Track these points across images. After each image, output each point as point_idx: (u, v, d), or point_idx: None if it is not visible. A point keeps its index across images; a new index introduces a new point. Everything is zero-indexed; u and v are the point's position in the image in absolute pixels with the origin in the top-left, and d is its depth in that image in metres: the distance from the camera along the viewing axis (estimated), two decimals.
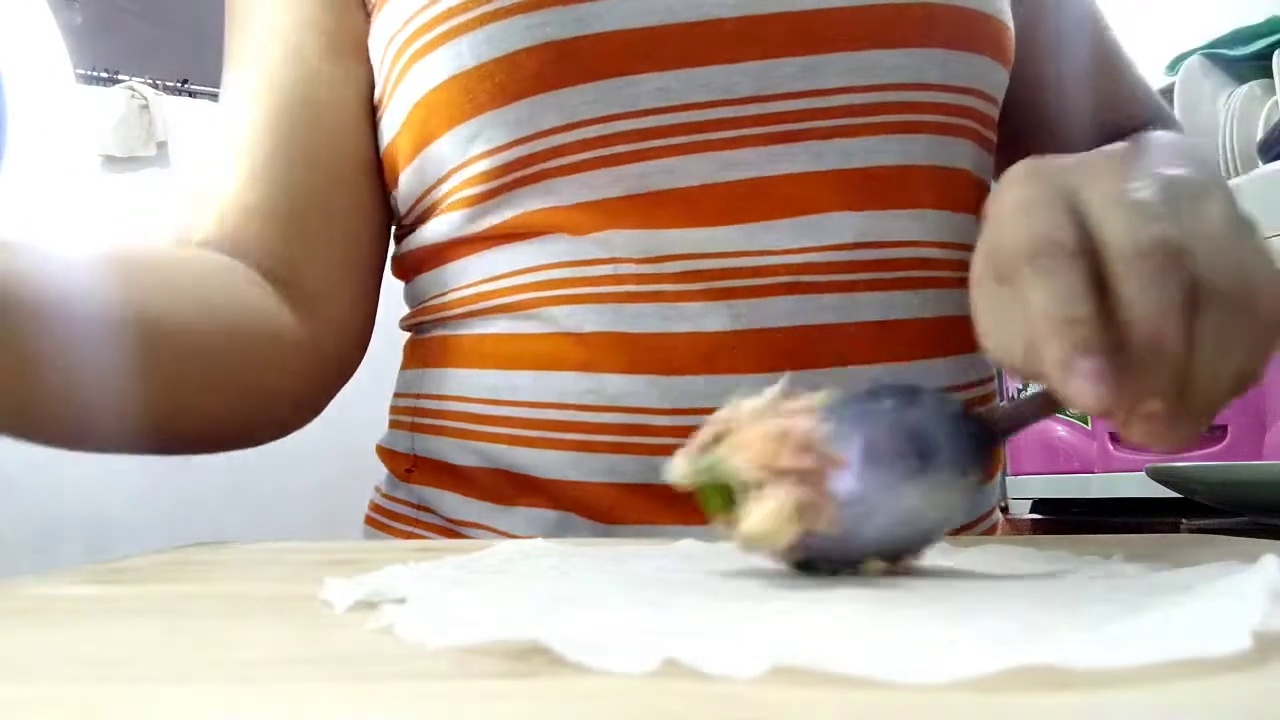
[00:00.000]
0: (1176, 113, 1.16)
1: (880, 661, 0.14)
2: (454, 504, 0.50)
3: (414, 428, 0.53)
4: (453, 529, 0.50)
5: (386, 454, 0.55)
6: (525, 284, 0.47)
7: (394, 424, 0.55)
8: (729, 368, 0.44)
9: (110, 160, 2.28)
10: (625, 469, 0.45)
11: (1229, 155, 1.15)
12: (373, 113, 0.53)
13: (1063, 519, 1.17)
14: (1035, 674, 0.14)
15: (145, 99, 2.29)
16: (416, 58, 0.47)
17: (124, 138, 2.27)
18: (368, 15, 0.52)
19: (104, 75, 2.33)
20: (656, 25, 0.44)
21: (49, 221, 2.15)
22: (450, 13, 0.46)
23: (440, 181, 0.49)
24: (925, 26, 0.46)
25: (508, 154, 0.46)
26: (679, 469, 0.29)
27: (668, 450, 0.44)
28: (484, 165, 0.47)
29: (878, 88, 0.46)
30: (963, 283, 0.50)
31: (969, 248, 0.51)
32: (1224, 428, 0.97)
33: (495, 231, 0.48)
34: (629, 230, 0.45)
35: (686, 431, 0.44)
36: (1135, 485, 1.00)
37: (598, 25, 0.44)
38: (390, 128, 0.51)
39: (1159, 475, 0.74)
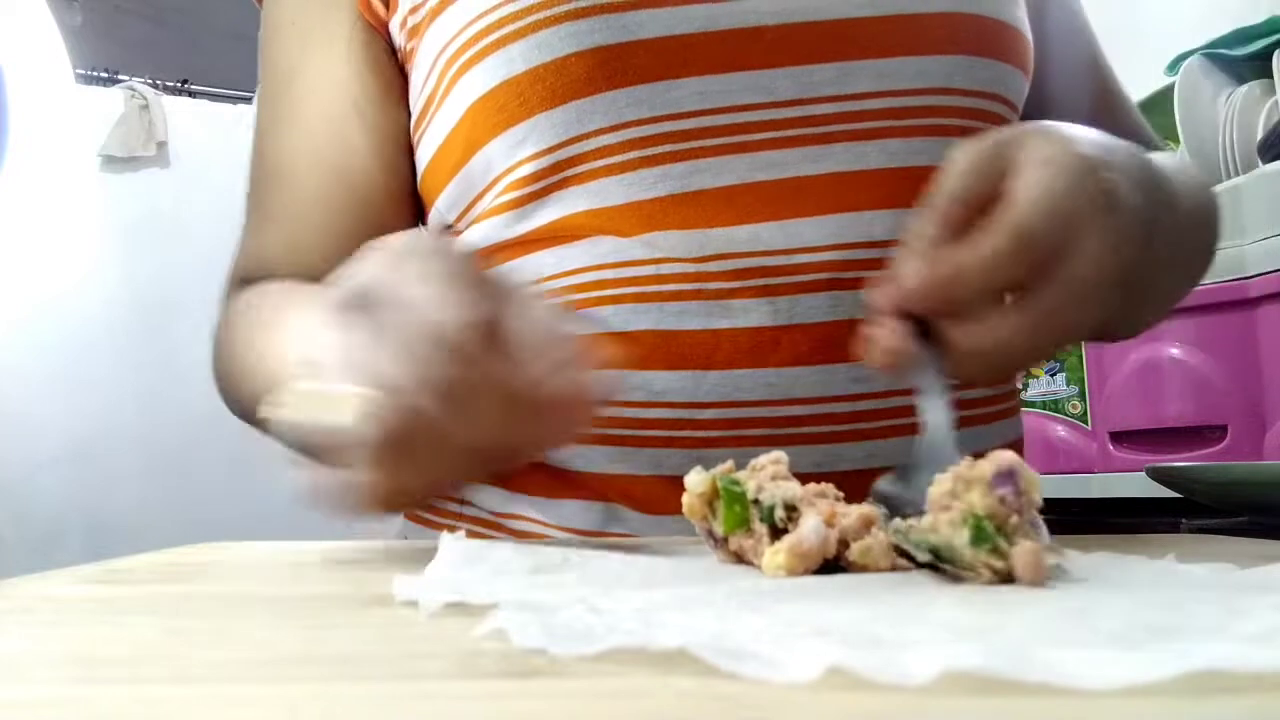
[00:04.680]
0: (1176, 112, 1.16)
1: (1052, 668, 0.14)
2: (497, 498, 0.51)
3: None
4: (496, 521, 0.51)
5: None
6: (571, 285, 0.48)
7: None
8: (771, 362, 0.46)
9: (110, 160, 2.28)
10: (670, 462, 0.47)
11: (1229, 155, 1.15)
12: (403, 159, 0.56)
13: (1063, 519, 1.16)
14: (1203, 679, 0.14)
15: (145, 99, 2.29)
16: (466, 67, 0.49)
17: (124, 138, 2.26)
18: (401, 64, 0.55)
19: (104, 75, 2.33)
20: (697, 32, 0.46)
21: (49, 221, 2.15)
22: (500, 23, 0.47)
23: (488, 188, 0.51)
24: (948, 35, 0.48)
25: (557, 154, 0.47)
26: (697, 476, 0.30)
27: (712, 443, 0.46)
28: (532, 167, 0.48)
29: (908, 92, 0.48)
30: None
31: None
32: (1224, 428, 0.97)
33: (541, 234, 0.49)
34: (674, 231, 0.46)
35: (730, 424, 0.46)
36: (1135, 485, 1.00)
37: (641, 32, 0.46)
38: (434, 141, 0.53)
39: (1159, 475, 0.74)
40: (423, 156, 0.55)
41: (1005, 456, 0.26)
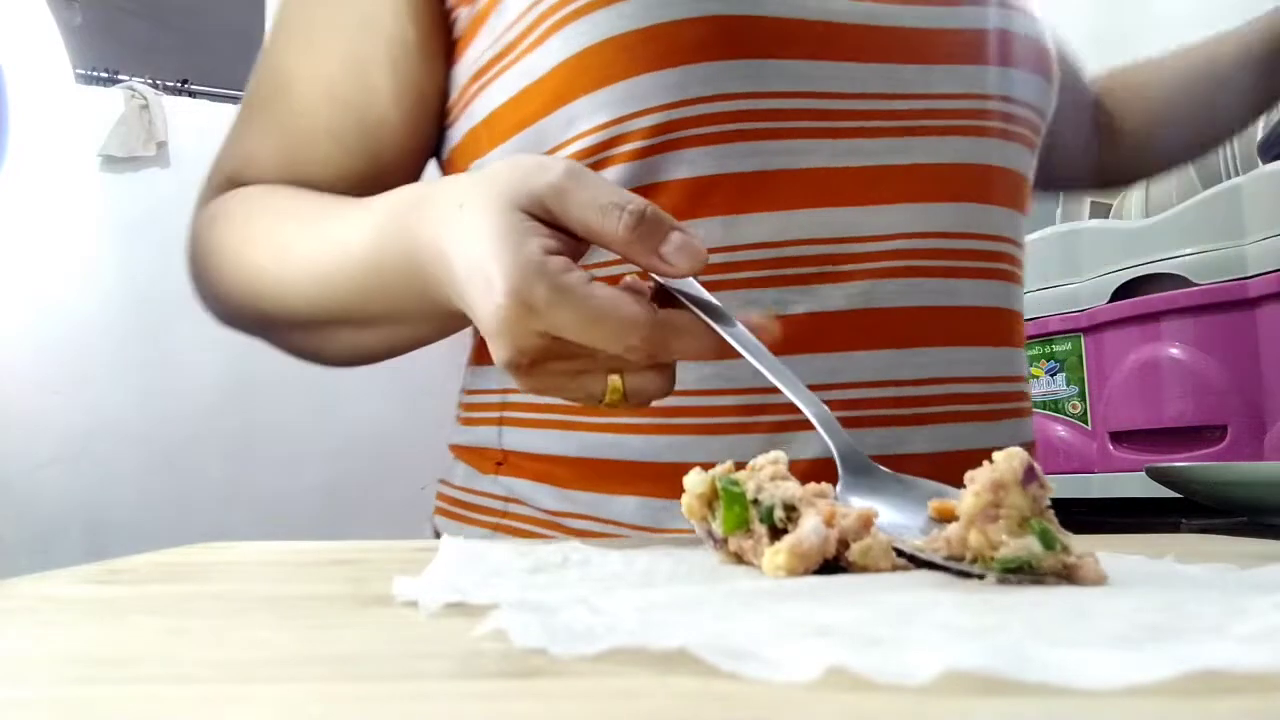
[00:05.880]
0: None
1: (1053, 668, 0.14)
2: (550, 495, 0.50)
3: (502, 422, 0.54)
4: (549, 519, 0.51)
5: (467, 451, 0.56)
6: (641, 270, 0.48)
7: (474, 420, 0.56)
8: (844, 346, 0.47)
9: (110, 160, 2.28)
10: (747, 448, 0.47)
11: (1229, 155, 1.15)
12: (423, 113, 0.55)
13: (1063, 519, 1.15)
14: (1203, 679, 0.14)
15: (145, 99, 2.29)
16: (569, 20, 0.47)
17: (124, 138, 2.26)
18: (448, 12, 0.54)
19: (104, 75, 2.33)
20: (809, 19, 0.48)
21: (49, 221, 2.15)
22: None
23: (559, 146, 0.49)
24: (1011, 49, 0.52)
25: (660, 115, 0.47)
26: (697, 476, 0.31)
27: (785, 427, 0.47)
28: (633, 125, 0.47)
29: (981, 96, 0.51)
30: (1022, 280, 0.56)
31: (1022, 246, 0.56)
32: (1224, 428, 0.97)
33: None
34: (755, 213, 0.47)
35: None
36: (1135, 485, 1.00)
37: (758, 8, 0.47)
38: (505, 92, 0.51)
39: (1159, 475, 0.74)
40: (482, 108, 0.53)
41: (1017, 454, 0.26)
